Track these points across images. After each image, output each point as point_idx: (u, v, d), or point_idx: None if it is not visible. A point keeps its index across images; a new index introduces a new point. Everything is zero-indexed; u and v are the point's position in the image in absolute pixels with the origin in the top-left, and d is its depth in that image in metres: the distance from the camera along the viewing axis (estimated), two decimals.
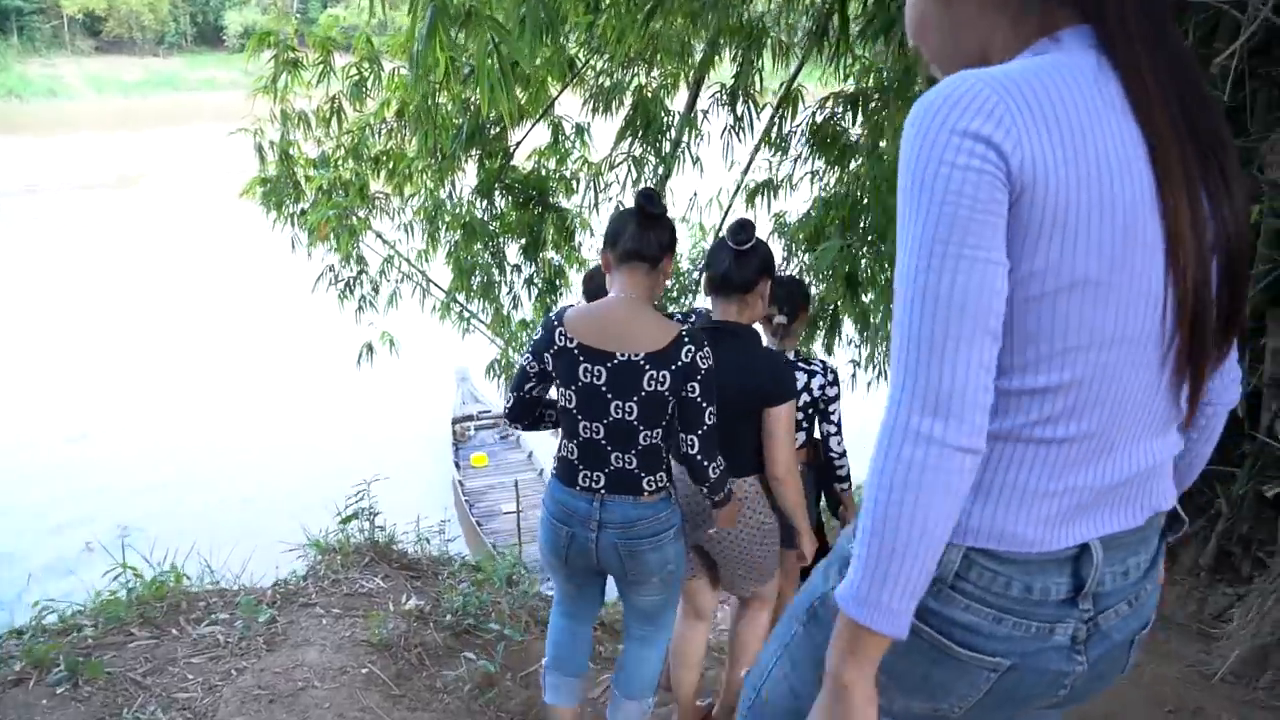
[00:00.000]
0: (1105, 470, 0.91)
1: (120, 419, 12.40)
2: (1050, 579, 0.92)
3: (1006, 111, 0.82)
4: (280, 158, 5.96)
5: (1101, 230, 0.83)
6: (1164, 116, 0.85)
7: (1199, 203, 0.86)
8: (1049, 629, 0.93)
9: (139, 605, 3.01)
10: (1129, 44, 0.86)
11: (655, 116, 4.92)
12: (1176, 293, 0.86)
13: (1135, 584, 0.98)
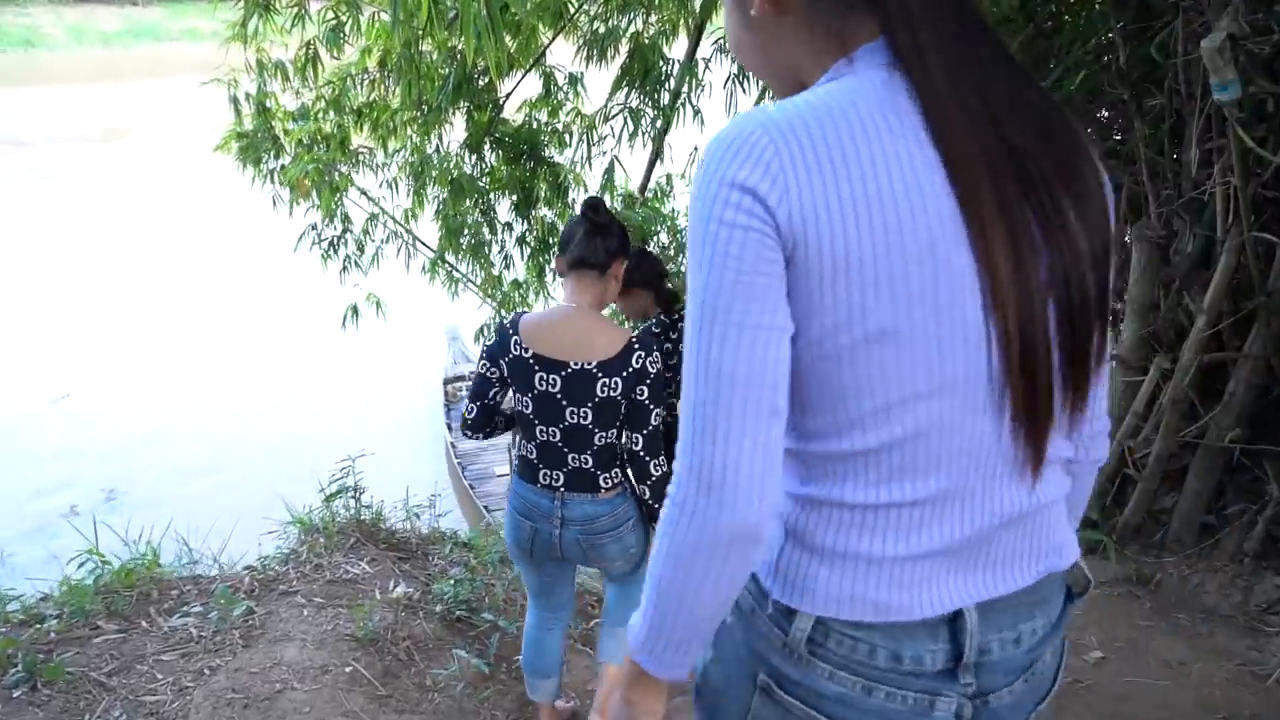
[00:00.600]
0: (959, 526, 0.81)
1: (103, 379, 12.13)
2: (922, 646, 0.82)
3: (776, 157, 0.73)
4: (257, 110, 5.64)
5: (895, 276, 0.74)
6: (968, 140, 0.74)
7: (1021, 232, 0.74)
8: (928, 702, 0.83)
9: (107, 594, 2.81)
10: (920, 57, 0.76)
11: (654, 65, 4.61)
12: (999, 336, 0.75)
13: (1029, 652, 0.87)
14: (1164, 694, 2.21)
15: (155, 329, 13.72)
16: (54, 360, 12.51)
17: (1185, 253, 2.85)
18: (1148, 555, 2.94)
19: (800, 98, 0.77)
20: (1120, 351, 2.95)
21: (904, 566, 0.80)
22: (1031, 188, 0.75)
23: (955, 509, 0.80)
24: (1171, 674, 2.30)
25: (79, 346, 13.02)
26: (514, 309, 6.57)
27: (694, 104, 4.71)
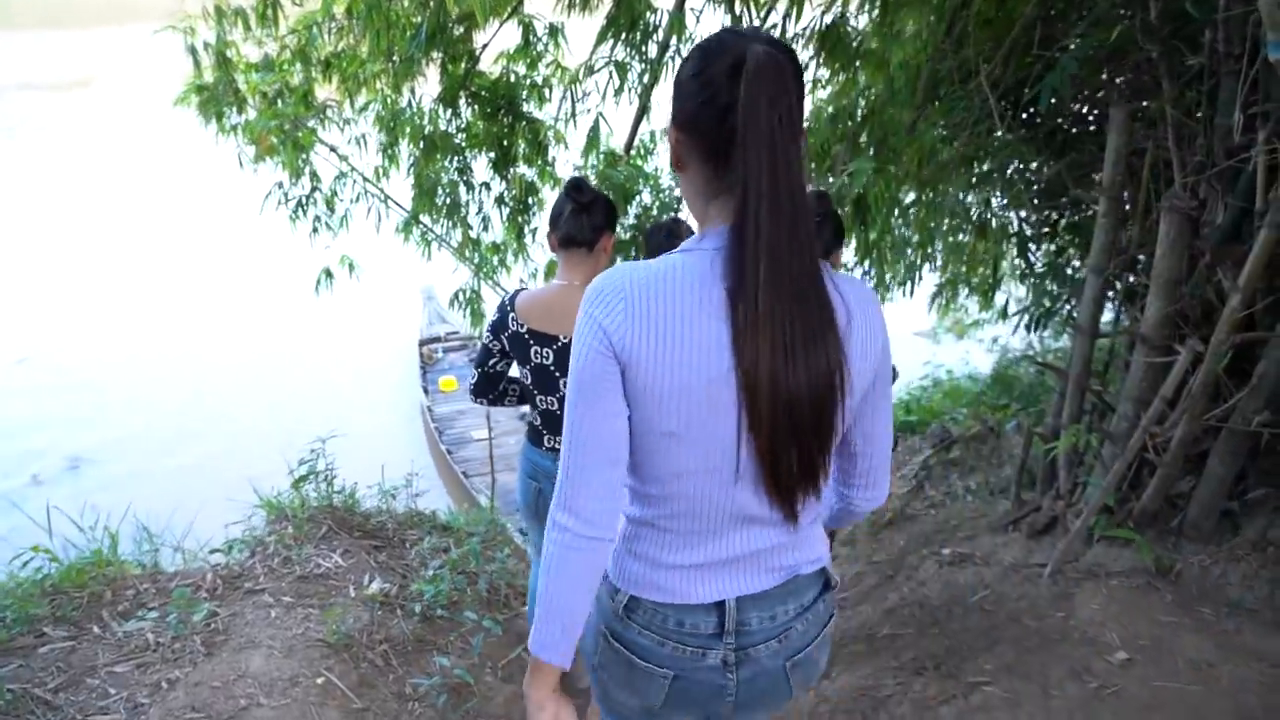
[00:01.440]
0: (709, 550, 1.24)
1: (64, 341, 11.72)
2: (698, 618, 1.27)
3: (621, 309, 1.11)
4: (217, 61, 5.26)
5: (681, 402, 1.12)
6: (755, 351, 1.08)
7: (780, 380, 1.09)
8: (701, 653, 1.28)
9: (55, 595, 2.58)
10: (738, 265, 1.08)
11: (640, 15, 4.31)
12: (754, 440, 1.13)
13: (784, 625, 1.30)
14: (1196, 701, 2.08)
15: (119, 290, 13.26)
16: (12, 322, 12.05)
17: (1215, 225, 2.66)
18: (1165, 543, 2.80)
19: (654, 263, 1.13)
20: (1144, 329, 2.78)
21: (685, 570, 1.25)
22: (791, 354, 1.09)
23: (705, 539, 1.24)
24: (1201, 677, 2.17)
25: (39, 307, 12.55)
26: (492, 273, 6.30)
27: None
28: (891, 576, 3.93)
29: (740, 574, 1.26)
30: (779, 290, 1.07)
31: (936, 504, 5.19)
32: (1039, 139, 3.47)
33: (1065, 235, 4.03)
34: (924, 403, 7.46)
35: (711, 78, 1.09)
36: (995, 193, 4.01)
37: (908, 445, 6.55)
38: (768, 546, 1.26)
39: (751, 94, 1.04)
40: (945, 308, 5.89)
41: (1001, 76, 3.45)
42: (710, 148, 1.11)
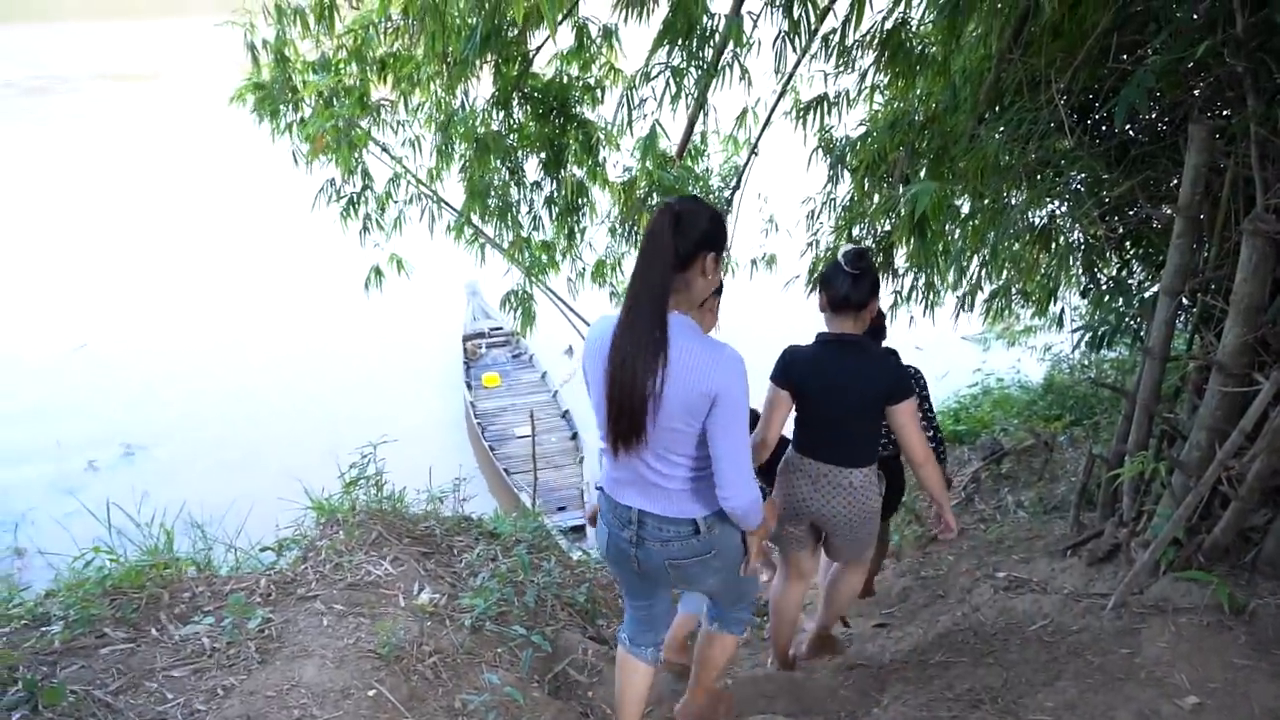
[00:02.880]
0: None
1: (122, 329, 12.02)
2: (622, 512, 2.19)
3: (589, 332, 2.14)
4: (276, 60, 5.32)
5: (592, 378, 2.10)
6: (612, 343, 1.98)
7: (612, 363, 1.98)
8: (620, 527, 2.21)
9: (114, 595, 2.63)
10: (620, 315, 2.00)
11: (697, 20, 4.26)
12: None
13: (660, 534, 2.16)
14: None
15: (176, 281, 13.57)
16: (73, 309, 12.40)
17: None
18: (1238, 579, 2.69)
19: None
20: (1221, 357, 2.67)
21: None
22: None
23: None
24: None
25: (99, 295, 12.89)
26: (541, 272, 6.30)
27: (741, 63, 4.36)
28: (942, 596, 3.85)
29: (638, 493, 2.15)
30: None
31: (987, 519, 5.08)
32: (1110, 152, 3.35)
33: (1133, 251, 3.90)
34: (973, 411, 7.32)
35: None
36: (1060, 205, 3.88)
37: (956, 456, 6.42)
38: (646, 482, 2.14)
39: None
40: (997, 315, 5.76)
41: (1071, 86, 3.34)
42: None
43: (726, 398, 1.94)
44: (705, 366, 1.93)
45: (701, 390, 1.93)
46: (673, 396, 1.93)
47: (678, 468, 2.05)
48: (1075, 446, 5.41)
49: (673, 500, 2.09)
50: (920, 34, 4.10)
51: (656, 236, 1.94)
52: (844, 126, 4.74)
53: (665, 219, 1.94)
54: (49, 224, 15.73)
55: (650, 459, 2.04)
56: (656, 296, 1.91)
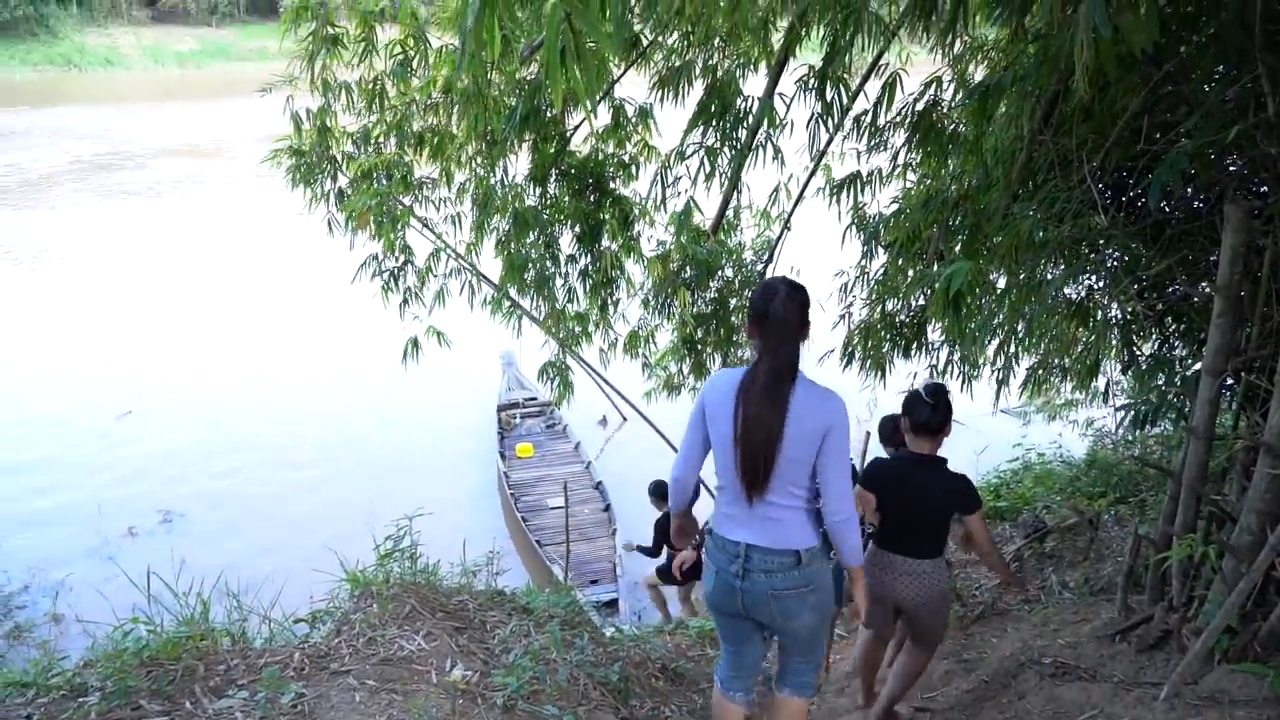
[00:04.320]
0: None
1: (166, 398, 12.30)
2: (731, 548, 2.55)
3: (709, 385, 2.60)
4: (318, 129, 5.50)
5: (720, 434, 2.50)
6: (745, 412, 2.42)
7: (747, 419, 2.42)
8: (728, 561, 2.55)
9: (151, 666, 2.65)
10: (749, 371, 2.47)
11: (731, 102, 4.39)
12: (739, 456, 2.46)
13: (769, 572, 2.49)
14: None
15: (221, 350, 13.92)
16: (120, 377, 12.74)
17: None
18: None
19: (737, 369, 2.56)
20: (1268, 438, 2.61)
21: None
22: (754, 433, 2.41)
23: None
24: None
25: (146, 363, 13.25)
26: (575, 343, 6.39)
27: (774, 142, 4.47)
28: (986, 682, 3.72)
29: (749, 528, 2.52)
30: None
31: (1032, 599, 4.92)
32: (1146, 230, 3.35)
33: (1173, 327, 3.86)
34: (1014, 487, 7.16)
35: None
36: (1097, 280, 3.87)
37: (998, 533, 6.27)
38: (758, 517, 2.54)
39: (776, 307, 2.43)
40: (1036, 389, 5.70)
41: (1104, 166, 3.37)
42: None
43: (836, 430, 2.39)
44: (819, 407, 2.39)
45: (817, 426, 2.37)
46: (794, 433, 2.35)
47: (793, 499, 2.43)
48: (1121, 525, 5.27)
49: (781, 531, 2.44)
50: (951, 115, 4.17)
51: (788, 319, 2.40)
52: (877, 204, 4.81)
53: (793, 304, 2.42)
54: (106, 292, 16.30)
55: (769, 495, 2.42)
56: (791, 366, 2.41)
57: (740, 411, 2.38)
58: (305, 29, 4.84)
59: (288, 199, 6.07)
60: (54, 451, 10.67)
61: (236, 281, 17.00)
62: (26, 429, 11.17)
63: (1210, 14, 3.21)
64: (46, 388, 12.34)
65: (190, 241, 19.66)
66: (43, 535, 8.83)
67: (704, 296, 5.95)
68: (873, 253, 5.07)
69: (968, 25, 3.66)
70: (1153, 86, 3.09)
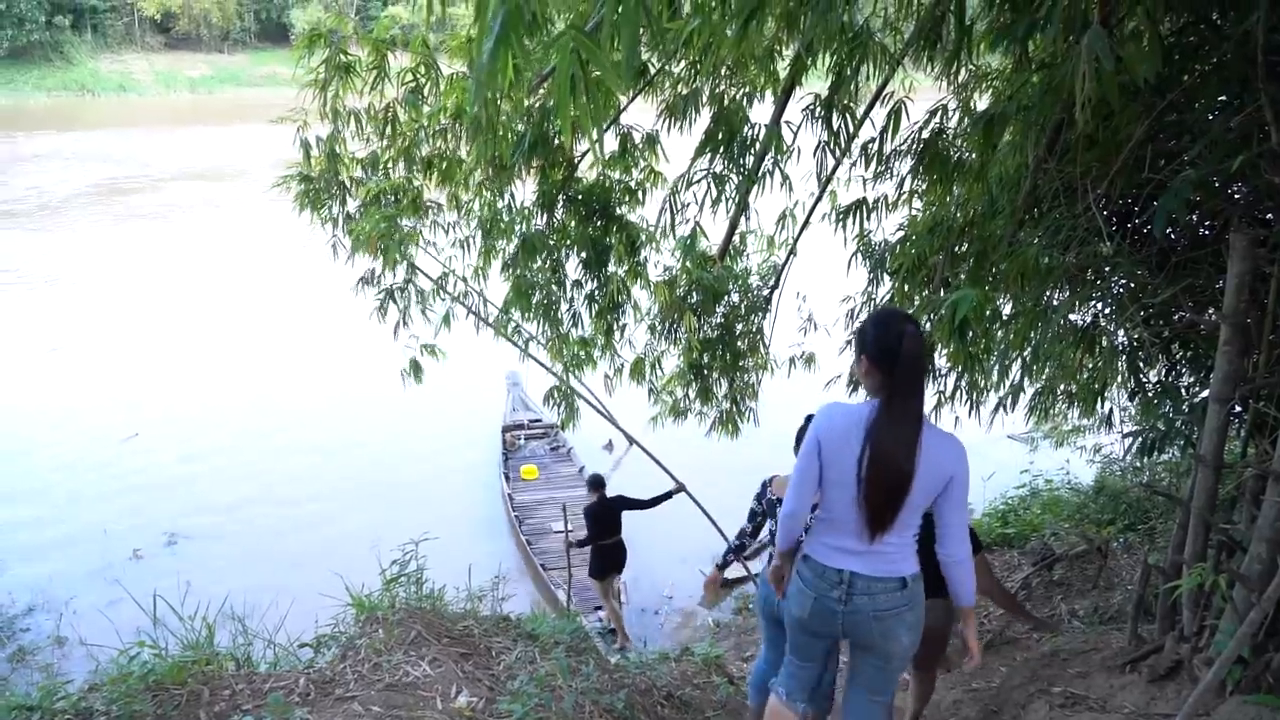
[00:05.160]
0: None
1: (171, 420, 12.34)
2: (832, 575, 2.55)
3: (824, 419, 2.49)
4: (328, 155, 5.55)
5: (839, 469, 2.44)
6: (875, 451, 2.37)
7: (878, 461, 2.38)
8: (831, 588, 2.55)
9: (157, 691, 2.64)
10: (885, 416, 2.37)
11: (738, 129, 4.44)
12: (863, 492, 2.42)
13: (873, 597, 2.51)
14: None
15: (226, 372, 13.97)
16: (127, 400, 12.78)
17: None
18: None
19: (851, 404, 2.52)
20: (1277, 466, 2.61)
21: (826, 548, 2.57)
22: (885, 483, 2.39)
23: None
24: None
25: (152, 387, 13.30)
26: (579, 369, 6.39)
27: (781, 169, 4.51)
28: (996, 712, 3.69)
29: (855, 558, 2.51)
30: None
31: (1053, 627, 4.89)
32: (1151, 258, 3.36)
33: (1180, 354, 3.86)
34: (1022, 514, 7.13)
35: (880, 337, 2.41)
36: (1102, 308, 3.88)
37: (1005, 560, 6.23)
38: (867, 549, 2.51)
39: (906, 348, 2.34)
40: (1042, 415, 5.68)
41: (1109, 194, 3.39)
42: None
43: (960, 477, 2.41)
44: (947, 453, 2.38)
45: (943, 473, 2.38)
46: (922, 479, 2.35)
47: (904, 535, 2.46)
48: (1130, 553, 5.24)
49: (887, 562, 2.46)
50: (956, 142, 4.21)
51: (918, 358, 2.33)
52: (882, 230, 4.83)
53: (920, 343, 2.34)
54: (116, 315, 16.40)
55: (887, 532, 2.44)
56: (920, 404, 2.37)
57: (868, 452, 2.32)
58: (318, 56, 4.90)
59: (296, 224, 6.11)
60: (60, 473, 10.69)
61: (244, 305, 17.10)
62: (34, 450, 11.20)
63: (1212, 44, 3.24)
64: (55, 410, 12.39)
65: (200, 266, 19.81)
66: (47, 557, 8.83)
67: (710, 321, 5.96)
68: (879, 279, 5.08)
69: (972, 54, 3.70)
70: (1156, 115, 3.12)
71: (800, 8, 3.48)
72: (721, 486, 8.60)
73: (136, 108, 50.54)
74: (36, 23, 52.16)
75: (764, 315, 6.08)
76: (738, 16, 2.89)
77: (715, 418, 6.45)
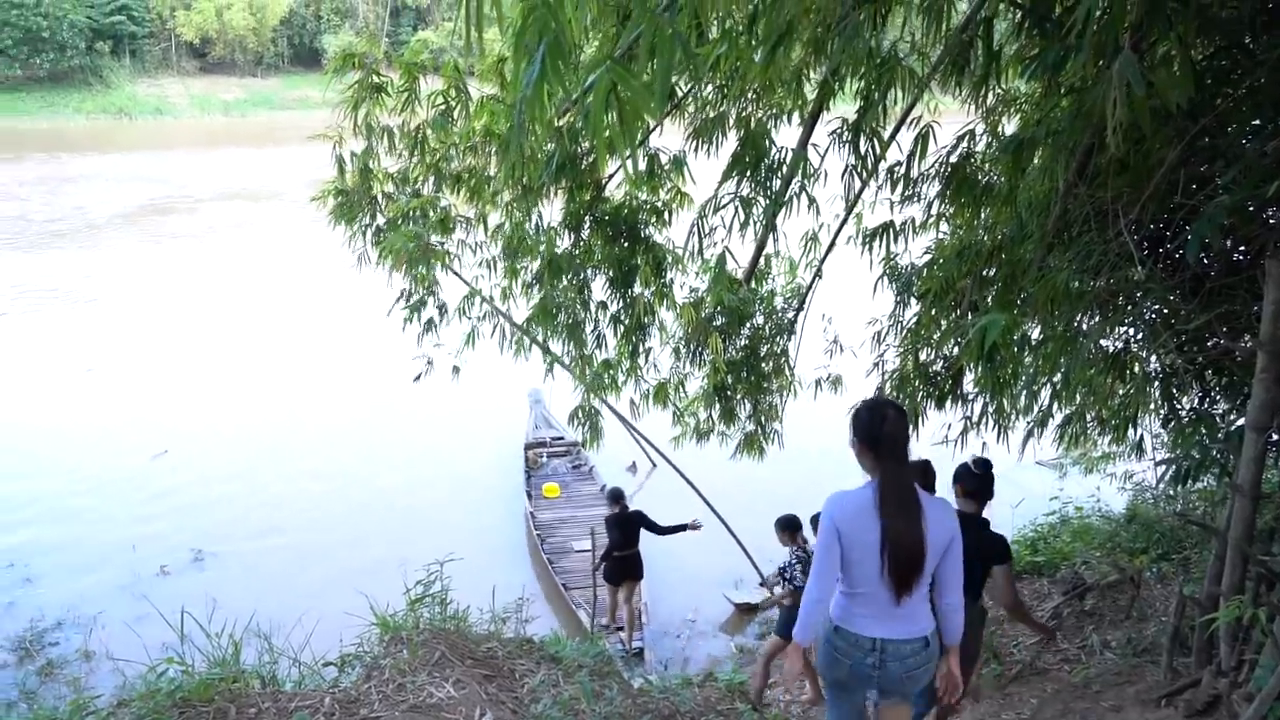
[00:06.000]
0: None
1: (203, 437, 12.49)
2: (864, 642, 2.78)
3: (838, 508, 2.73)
4: (360, 171, 5.66)
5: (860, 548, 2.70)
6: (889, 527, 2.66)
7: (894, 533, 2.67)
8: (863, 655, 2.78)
9: (184, 708, 2.66)
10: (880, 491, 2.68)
11: (764, 152, 4.45)
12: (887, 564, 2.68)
13: (904, 659, 2.76)
14: None
15: (255, 389, 14.15)
16: (157, 417, 12.97)
17: None
18: None
19: (854, 490, 2.76)
20: None
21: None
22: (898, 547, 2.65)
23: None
24: None
25: (182, 405, 13.49)
26: (603, 389, 6.39)
27: (809, 192, 4.51)
28: None
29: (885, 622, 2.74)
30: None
31: (1072, 659, 4.79)
32: (1184, 284, 3.32)
33: (1214, 380, 3.80)
34: (1051, 542, 7.01)
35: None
36: (1134, 334, 3.83)
37: (1034, 589, 6.13)
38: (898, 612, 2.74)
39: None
40: (1072, 441, 5.60)
41: (1140, 218, 3.36)
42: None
43: (956, 538, 2.72)
44: (943, 519, 2.70)
45: (944, 537, 2.68)
46: (932, 542, 2.65)
47: (920, 596, 2.72)
48: (1164, 583, 5.12)
49: (911, 622, 2.74)
50: (984, 166, 4.19)
51: (903, 438, 2.68)
52: (909, 254, 4.81)
53: (903, 424, 2.71)
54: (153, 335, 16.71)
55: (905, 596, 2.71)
56: (907, 474, 2.69)
57: (885, 528, 2.62)
58: (350, 78, 5.00)
59: (328, 243, 6.22)
60: (91, 489, 10.84)
61: (276, 325, 17.34)
62: (66, 467, 11.37)
63: (1245, 69, 3.21)
64: (87, 426, 12.60)
65: (234, 285, 20.16)
66: (77, 572, 8.94)
67: (735, 343, 5.96)
68: (906, 302, 5.06)
69: (1000, 79, 3.69)
70: (1189, 140, 3.09)
71: (827, 33, 3.50)
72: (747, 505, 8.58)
73: (172, 130, 51.72)
74: (77, 48, 53.67)
75: (789, 337, 6.06)
76: (765, 42, 2.91)
77: (739, 440, 6.42)
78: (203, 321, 17.51)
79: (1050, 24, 3.25)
